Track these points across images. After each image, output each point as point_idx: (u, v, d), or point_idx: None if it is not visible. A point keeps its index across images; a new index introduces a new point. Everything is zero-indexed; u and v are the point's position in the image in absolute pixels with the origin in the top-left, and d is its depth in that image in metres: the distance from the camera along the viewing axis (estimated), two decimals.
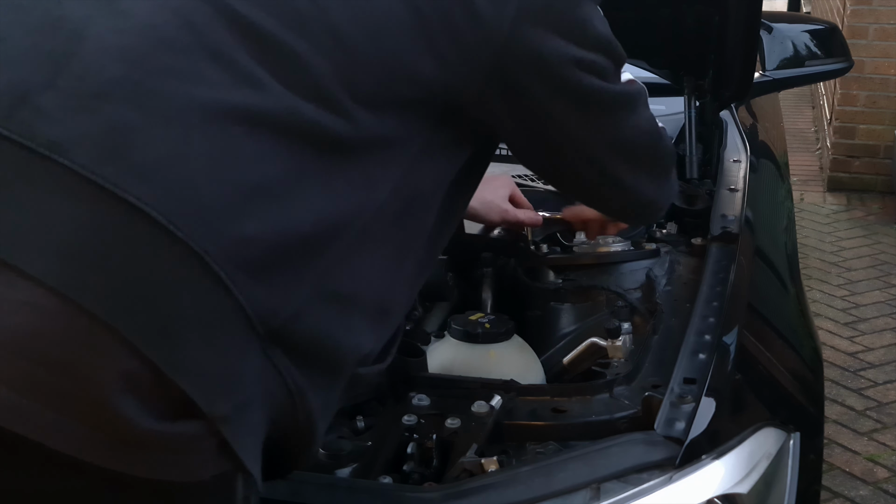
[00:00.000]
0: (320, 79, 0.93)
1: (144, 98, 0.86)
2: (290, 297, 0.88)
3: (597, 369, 1.55)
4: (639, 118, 1.23)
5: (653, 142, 1.27)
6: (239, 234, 0.85)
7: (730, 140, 2.27)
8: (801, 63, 2.78)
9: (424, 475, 1.23)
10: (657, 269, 1.74)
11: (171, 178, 0.83)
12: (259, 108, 0.89)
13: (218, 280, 0.83)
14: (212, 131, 0.86)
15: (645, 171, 1.28)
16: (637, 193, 1.30)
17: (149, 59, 0.88)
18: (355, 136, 0.94)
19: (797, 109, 6.84)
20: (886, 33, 5.19)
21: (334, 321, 0.93)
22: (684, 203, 1.96)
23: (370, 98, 0.96)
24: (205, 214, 0.84)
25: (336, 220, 0.93)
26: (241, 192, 0.86)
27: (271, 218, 0.87)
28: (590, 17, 1.10)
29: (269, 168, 0.88)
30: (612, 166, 1.23)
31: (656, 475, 1.10)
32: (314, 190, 0.91)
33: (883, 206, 5.20)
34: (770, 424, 1.29)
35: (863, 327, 3.84)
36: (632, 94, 1.20)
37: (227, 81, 0.89)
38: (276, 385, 0.89)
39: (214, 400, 0.83)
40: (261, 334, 0.86)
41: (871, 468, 2.93)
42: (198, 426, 0.83)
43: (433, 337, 1.65)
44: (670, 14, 2.22)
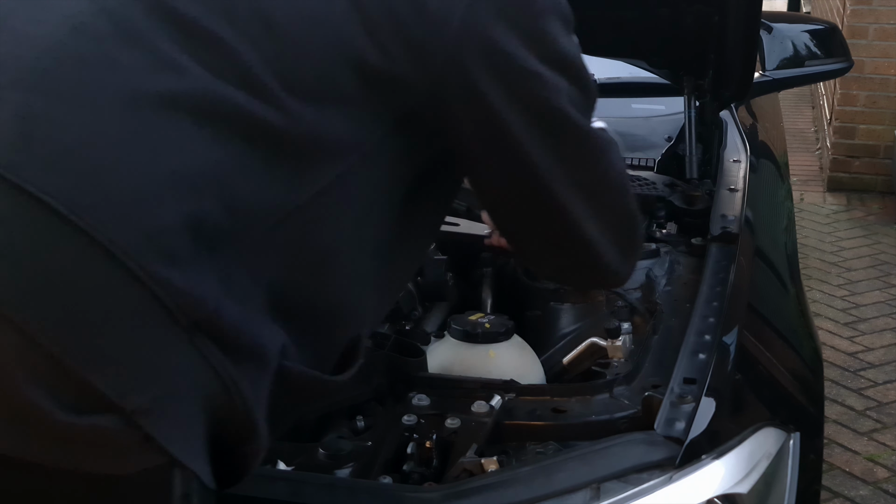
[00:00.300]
0: (249, 67, 0.90)
1: (55, 86, 0.85)
2: (211, 287, 0.86)
3: (597, 369, 1.55)
4: (609, 167, 1.14)
5: (624, 199, 1.17)
6: (152, 224, 0.83)
7: (730, 140, 2.27)
8: (801, 63, 2.78)
9: (424, 475, 1.23)
10: (657, 269, 1.74)
11: (77, 166, 0.82)
12: (180, 93, 0.87)
13: (127, 271, 0.81)
14: (125, 118, 0.85)
15: (612, 231, 1.16)
16: (597, 253, 1.16)
17: (60, 48, 0.87)
18: (290, 129, 0.92)
19: (797, 109, 6.84)
20: (886, 33, 5.19)
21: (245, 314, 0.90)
22: (684, 203, 1.96)
23: (309, 90, 0.93)
24: (113, 204, 0.82)
25: (253, 212, 0.90)
26: (155, 180, 0.84)
27: (188, 207, 0.85)
28: (553, 30, 1.05)
29: (187, 155, 0.86)
30: (578, 214, 1.11)
31: (656, 475, 1.10)
32: (236, 180, 0.89)
33: (883, 206, 5.20)
34: (770, 424, 1.29)
35: (863, 327, 3.84)
36: (602, 139, 1.12)
37: (145, 67, 0.87)
38: (207, 376, 0.86)
39: (128, 392, 0.82)
40: (185, 325, 0.84)
41: (871, 468, 2.93)
42: (114, 419, 0.81)
43: (433, 337, 1.65)
44: (670, 14, 2.21)
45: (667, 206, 1.97)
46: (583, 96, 1.08)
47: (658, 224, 1.94)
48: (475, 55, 0.99)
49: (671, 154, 2.32)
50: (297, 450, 1.27)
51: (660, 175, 2.15)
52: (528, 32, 1.02)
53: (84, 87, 0.85)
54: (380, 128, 0.99)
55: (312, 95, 0.93)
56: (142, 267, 0.81)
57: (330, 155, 0.96)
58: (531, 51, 1.02)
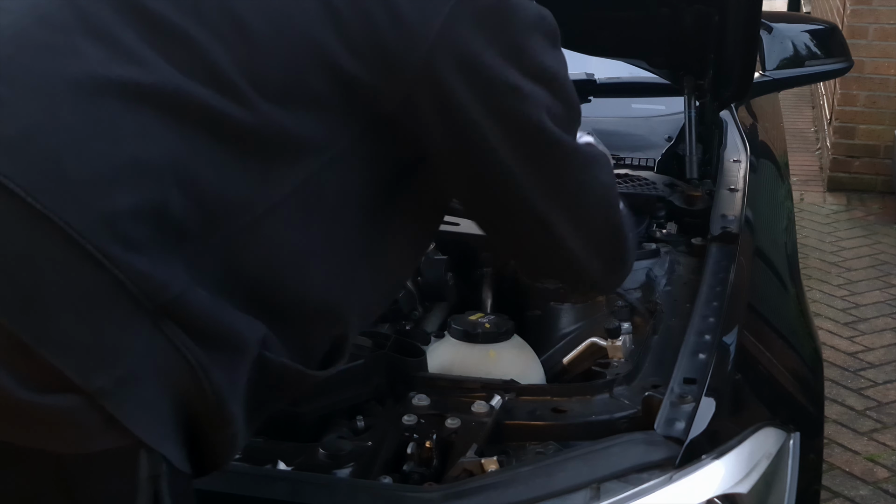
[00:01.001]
0: (217, 65, 0.91)
1: (15, 72, 0.87)
2: (175, 273, 0.87)
3: (597, 369, 1.55)
4: (592, 180, 1.13)
5: (608, 216, 1.17)
6: (110, 208, 0.83)
7: (730, 140, 2.27)
8: (801, 63, 2.78)
9: (424, 475, 1.23)
10: (657, 269, 1.74)
11: (34, 150, 0.83)
12: (141, 83, 0.88)
13: (87, 254, 0.82)
14: (83, 105, 0.86)
15: (594, 244, 1.16)
16: (583, 267, 1.18)
17: (24, 36, 0.89)
18: (259, 129, 0.93)
19: (797, 109, 6.84)
20: (886, 33, 5.19)
21: (217, 303, 0.91)
22: (684, 203, 1.96)
23: (279, 91, 0.94)
24: (69, 187, 0.83)
25: (220, 209, 0.91)
26: (112, 166, 0.85)
27: (149, 194, 0.86)
28: (536, 46, 1.04)
29: (149, 144, 0.87)
30: (558, 225, 1.12)
31: (656, 475, 1.10)
32: (203, 174, 0.90)
33: (883, 206, 5.20)
34: (770, 424, 1.29)
35: (863, 327, 3.84)
36: (585, 153, 1.11)
37: (108, 58, 0.88)
38: (175, 360, 0.87)
39: (89, 373, 0.83)
40: (149, 309, 0.85)
41: (871, 468, 2.93)
42: (75, 399, 0.83)
43: (433, 337, 1.66)
44: (670, 14, 2.22)
45: (667, 206, 1.97)
46: (565, 110, 1.08)
47: (658, 224, 1.94)
48: (451, 66, 0.99)
49: (671, 154, 2.32)
50: (297, 450, 1.27)
51: (660, 175, 2.15)
52: (508, 46, 1.02)
53: (45, 75, 0.87)
54: (352, 130, 0.99)
55: (282, 97, 0.94)
56: (100, 250, 0.82)
57: (301, 155, 0.96)
58: (511, 64, 1.02)
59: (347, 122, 0.99)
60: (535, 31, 1.05)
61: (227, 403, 0.91)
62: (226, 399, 0.91)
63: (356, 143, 1.00)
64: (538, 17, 1.06)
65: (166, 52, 0.90)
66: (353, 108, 0.98)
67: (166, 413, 0.88)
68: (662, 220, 1.95)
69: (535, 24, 1.05)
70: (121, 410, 0.84)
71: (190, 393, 0.89)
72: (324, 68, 0.96)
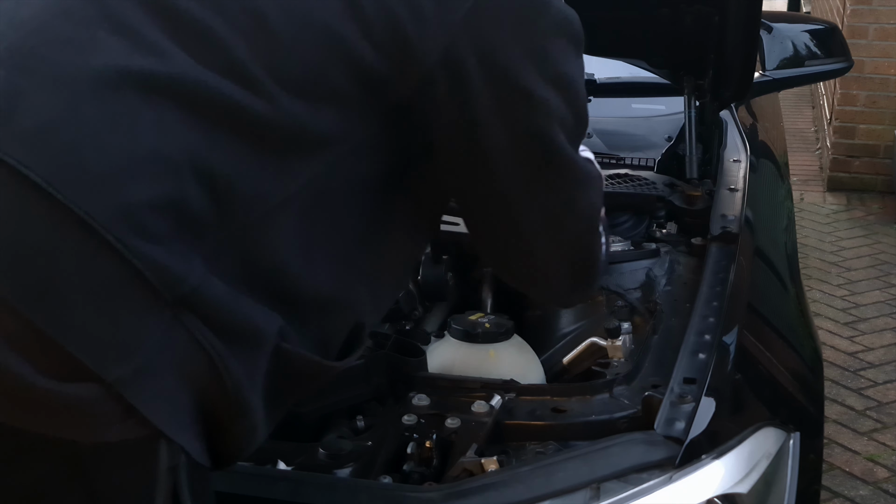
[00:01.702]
0: (237, 58, 0.92)
1: (36, 64, 0.87)
2: (193, 265, 0.87)
3: (597, 369, 1.55)
4: (581, 198, 1.12)
5: (586, 236, 1.17)
6: (129, 199, 0.84)
7: (730, 140, 2.27)
8: (801, 63, 2.78)
9: (424, 475, 1.23)
10: (657, 269, 1.74)
11: (54, 142, 0.84)
12: (161, 75, 0.88)
13: (106, 244, 0.82)
14: (104, 97, 0.86)
15: (566, 260, 1.17)
16: (548, 279, 1.19)
17: (47, 28, 0.90)
18: (279, 121, 0.93)
19: (797, 109, 6.84)
20: (886, 33, 5.19)
21: (236, 295, 0.91)
22: (684, 203, 1.96)
23: (300, 84, 0.94)
24: (90, 178, 0.83)
25: (240, 200, 0.91)
26: (132, 158, 0.85)
27: (168, 186, 0.86)
28: (558, 50, 1.04)
29: (168, 136, 0.88)
30: (533, 235, 1.12)
31: (656, 475, 1.10)
32: (221, 166, 0.90)
33: (883, 206, 5.20)
34: (770, 424, 1.29)
35: (863, 327, 3.84)
36: (583, 169, 1.11)
37: (128, 50, 0.89)
38: (194, 351, 0.88)
39: (108, 363, 0.83)
40: (168, 300, 0.85)
41: (871, 468, 2.93)
42: (94, 388, 0.83)
43: (433, 337, 1.66)
44: (670, 14, 2.22)
45: (667, 206, 1.97)
46: (574, 121, 1.08)
47: (658, 224, 1.94)
48: (470, 58, 0.99)
49: (671, 154, 2.32)
50: (297, 450, 1.27)
51: (660, 175, 2.15)
52: (530, 46, 1.02)
53: (66, 67, 0.87)
54: (367, 121, 1.00)
55: (303, 89, 0.94)
56: (119, 240, 0.83)
57: (318, 147, 0.97)
58: (530, 66, 1.02)
59: (364, 113, 0.99)
60: (560, 34, 1.05)
61: (245, 395, 0.91)
62: (244, 390, 0.91)
63: (370, 134, 1.01)
64: (566, 20, 1.06)
65: (187, 44, 0.91)
66: (371, 99, 0.99)
67: (185, 404, 0.88)
68: (662, 220, 1.95)
69: (561, 28, 1.05)
70: (139, 400, 0.84)
71: (208, 384, 0.89)
72: (344, 61, 0.96)
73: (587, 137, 2.40)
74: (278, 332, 0.95)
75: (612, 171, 2.12)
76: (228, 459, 0.95)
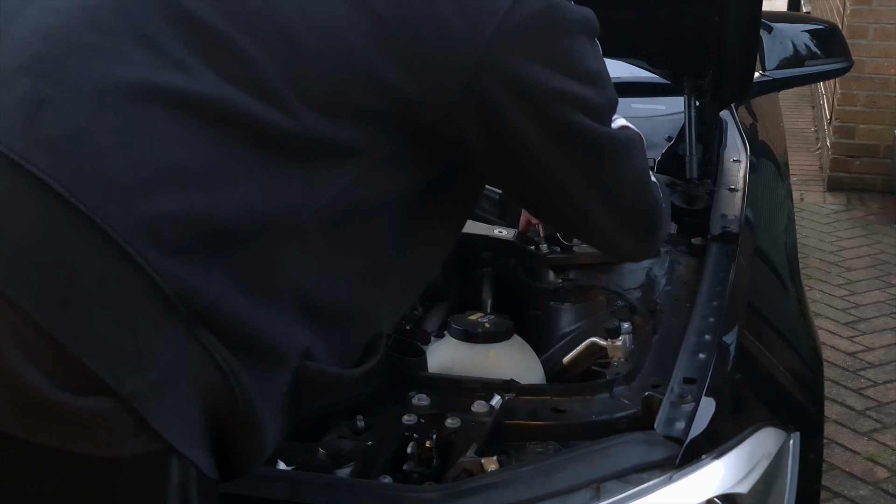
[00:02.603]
0: (263, 74, 0.92)
1: (62, 73, 0.87)
2: (212, 280, 0.87)
3: (597, 369, 1.55)
4: (627, 167, 1.17)
5: (641, 197, 1.21)
6: (150, 212, 0.84)
7: (730, 140, 2.27)
8: (801, 63, 2.78)
9: (424, 475, 1.23)
10: (657, 269, 1.74)
11: (77, 151, 0.84)
12: (186, 91, 0.88)
13: (126, 256, 0.82)
14: (128, 109, 0.86)
15: (627, 225, 1.23)
16: (614, 244, 1.26)
17: (74, 38, 0.89)
18: (303, 137, 0.93)
19: (797, 109, 6.84)
20: (886, 33, 5.19)
21: (258, 311, 0.91)
22: (684, 203, 1.96)
23: (324, 102, 0.94)
24: (112, 189, 0.83)
25: (265, 215, 0.92)
26: (154, 171, 0.85)
27: (190, 200, 0.86)
28: (579, 49, 1.06)
29: (192, 151, 0.88)
30: (591, 212, 1.18)
31: (656, 475, 1.10)
32: (246, 182, 0.90)
33: (883, 206, 5.20)
34: (770, 424, 1.29)
35: (863, 327, 3.84)
36: (622, 140, 1.15)
37: (154, 64, 0.89)
38: (208, 366, 0.88)
39: (123, 376, 0.83)
40: (184, 314, 0.85)
41: (871, 468, 2.93)
42: (108, 401, 0.83)
43: (433, 337, 1.65)
44: (670, 14, 2.22)
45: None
46: (605, 103, 1.11)
47: None
48: (497, 79, 1.00)
49: (671, 154, 2.32)
50: (297, 450, 1.27)
51: (660, 175, 2.15)
52: (553, 53, 1.04)
53: (92, 78, 0.87)
54: (393, 139, 1.00)
55: (327, 107, 0.95)
56: (139, 252, 0.83)
57: (343, 163, 0.97)
58: (556, 70, 1.04)
59: (389, 131, 1.00)
60: (578, 32, 1.07)
61: (257, 412, 0.91)
62: (256, 408, 0.91)
63: (396, 151, 1.01)
64: (581, 18, 1.07)
65: (213, 60, 0.91)
66: (396, 119, 0.99)
67: (197, 419, 0.88)
68: None
69: (578, 27, 1.07)
70: (152, 414, 0.84)
71: (221, 400, 0.89)
72: (369, 81, 0.96)
73: None
74: (304, 350, 0.95)
75: None
76: (237, 472, 0.95)
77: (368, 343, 1.08)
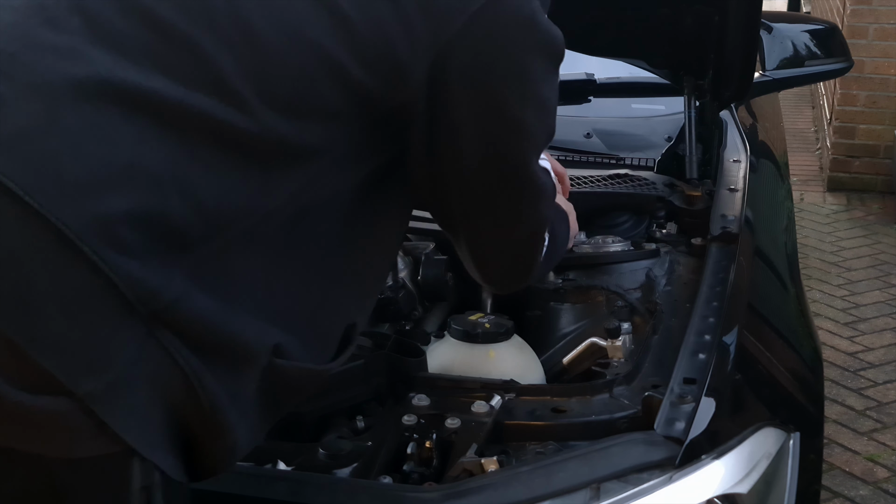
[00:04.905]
0: (224, 74, 0.91)
1: (17, 71, 0.86)
2: (170, 280, 0.87)
3: (597, 369, 1.55)
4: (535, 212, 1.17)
5: (529, 241, 1.21)
6: (105, 211, 0.83)
7: (730, 140, 2.27)
8: (801, 63, 2.78)
9: (424, 475, 1.23)
10: (657, 269, 1.74)
11: (31, 150, 0.83)
12: (143, 90, 0.87)
13: (81, 255, 0.82)
14: (84, 108, 0.85)
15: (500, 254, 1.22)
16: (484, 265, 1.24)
17: (29, 35, 0.89)
18: (262, 138, 0.92)
19: (797, 109, 6.84)
20: (886, 33, 5.19)
21: (221, 310, 0.90)
22: (684, 203, 1.96)
23: (286, 101, 0.94)
24: (66, 188, 0.82)
25: (221, 215, 0.91)
26: (108, 170, 0.85)
27: (144, 201, 0.85)
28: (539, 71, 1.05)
29: (148, 151, 0.87)
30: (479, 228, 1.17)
31: (656, 475, 1.10)
32: (203, 182, 0.89)
33: (883, 206, 5.20)
34: (770, 424, 1.29)
35: (863, 327, 3.84)
36: (540, 185, 1.14)
37: (110, 62, 0.88)
38: (168, 367, 0.87)
39: (78, 376, 0.82)
40: (143, 315, 0.85)
41: (871, 468, 2.93)
42: (65, 402, 0.82)
43: (433, 337, 1.65)
44: (670, 14, 2.21)
45: (667, 206, 1.97)
46: (544, 133, 1.10)
47: (658, 224, 1.94)
48: (455, 76, 1.00)
49: (671, 154, 2.32)
50: (297, 450, 1.27)
51: (660, 175, 2.15)
52: (513, 68, 1.03)
53: (47, 76, 0.86)
54: (350, 134, 1.00)
55: (289, 107, 0.94)
56: (95, 252, 0.82)
57: (301, 161, 0.97)
58: (513, 86, 1.03)
59: (348, 126, 0.99)
60: (544, 54, 1.06)
61: (223, 412, 0.90)
62: (222, 408, 0.90)
63: (352, 145, 1.01)
64: (551, 40, 1.06)
65: (172, 60, 0.90)
66: (357, 116, 0.99)
67: (158, 420, 0.87)
68: (662, 220, 1.95)
69: (546, 47, 1.06)
70: (111, 415, 0.84)
71: (184, 402, 0.88)
72: (332, 78, 0.96)
73: (587, 138, 2.42)
74: (272, 348, 0.94)
75: (612, 171, 2.13)
76: (209, 472, 0.94)
77: (343, 335, 1.08)
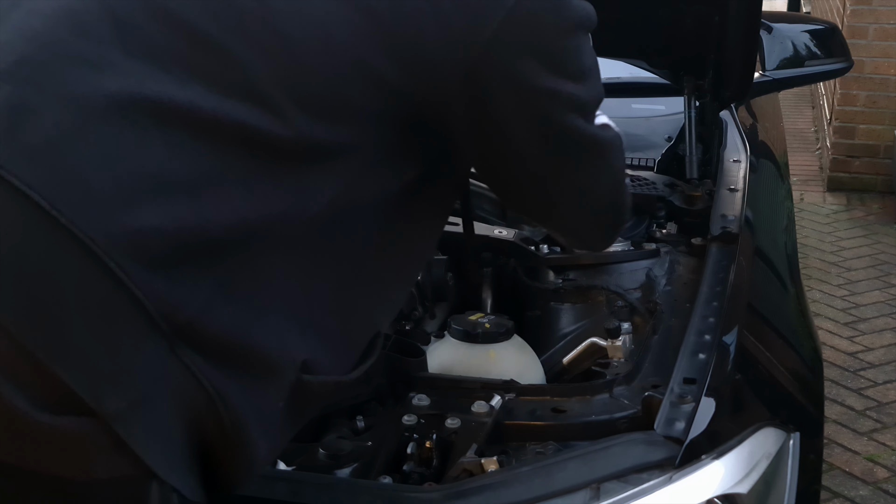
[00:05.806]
0: (257, 79, 0.90)
1: (47, 80, 0.85)
2: (196, 294, 0.85)
3: (597, 369, 1.55)
4: (605, 167, 1.17)
5: (611, 195, 1.22)
6: (133, 225, 0.82)
7: (730, 140, 2.27)
8: (801, 63, 2.78)
9: (424, 475, 1.23)
10: (657, 269, 1.74)
11: (59, 162, 0.81)
12: (176, 101, 0.86)
13: (107, 270, 0.80)
14: (113, 120, 0.84)
15: (591, 219, 1.24)
16: (574, 234, 1.29)
17: (61, 44, 0.87)
18: (296, 142, 0.91)
19: (797, 109, 6.84)
20: (886, 33, 5.19)
21: (246, 322, 0.89)
22: (684, 203, 1.96)
23: (319, 104, 0.92)
24: (94, 202, 0.81)
25: (255, 224, 0.89)
26: (137, 183, 0.83)
27: (175, 213, 0.84)
28: (577, 46, 1.05)
29: (179, 162, 0.85)
30: (562, 203, 1.19)
31: (656, 475, 1.10)
32: (234, 191, 0.88)
33: (883, 206, 5.20)
34: (770, 424, 1.29)
35: (863, 327, 3.84)
36: (604, 141, 1.14)
37: (141, 72, 0.86)
38: (190, 385, 0.85)
39: (102, 395, 0.81)
40: (165, 331, 0.83)
41: (871, 468, 2.93)
42: (87, 422, 0.81)
43: (433, 337, 1.65)
44: (670, 14, 2.22)
45: (667, 206, 1.97)
46: (593, 100, 1.10)
47: (658, 224, 1.94)
48: (495, 77, 0.99)
49: (671, 154, 2.32)
50: (297, 450, 1.27)
51: (660, 175, 2.15)
52: (551, 52, 1.03)
53: (77, 86, 0.85)
54: (387, 137, 0.99)
55: (323, 110, 0.93)
56: (120, 266, 0.80)
57: (337, 166, 0.95)
58: (552, 70, 1.03)
59: (384, 129, 0.98)
60: (578, 29, 1.06)
61: (245, 429, 0.89)
62: (244, 424, 0.89)
63: (389, 148, 0.99)
64: (584, 16, 1.06)
65: (204, 68, 0.89)
66: (391, 117, 0.98)
67: (179, 440, 0.86)
68: (662, 220, 1.95)
69: (579, 24, 1.06)
70: (132, 435, 0.82)
71: (205, 419, 0.87)
72: (367, 80, 0.94)
73: None
74: (300, 364, 0.93)
75: None
76: (225, 488, 0.93)
77: (368, 344, 1.07)
